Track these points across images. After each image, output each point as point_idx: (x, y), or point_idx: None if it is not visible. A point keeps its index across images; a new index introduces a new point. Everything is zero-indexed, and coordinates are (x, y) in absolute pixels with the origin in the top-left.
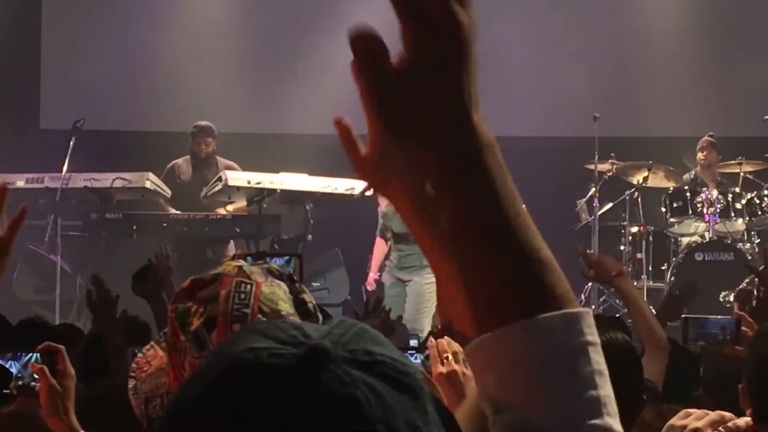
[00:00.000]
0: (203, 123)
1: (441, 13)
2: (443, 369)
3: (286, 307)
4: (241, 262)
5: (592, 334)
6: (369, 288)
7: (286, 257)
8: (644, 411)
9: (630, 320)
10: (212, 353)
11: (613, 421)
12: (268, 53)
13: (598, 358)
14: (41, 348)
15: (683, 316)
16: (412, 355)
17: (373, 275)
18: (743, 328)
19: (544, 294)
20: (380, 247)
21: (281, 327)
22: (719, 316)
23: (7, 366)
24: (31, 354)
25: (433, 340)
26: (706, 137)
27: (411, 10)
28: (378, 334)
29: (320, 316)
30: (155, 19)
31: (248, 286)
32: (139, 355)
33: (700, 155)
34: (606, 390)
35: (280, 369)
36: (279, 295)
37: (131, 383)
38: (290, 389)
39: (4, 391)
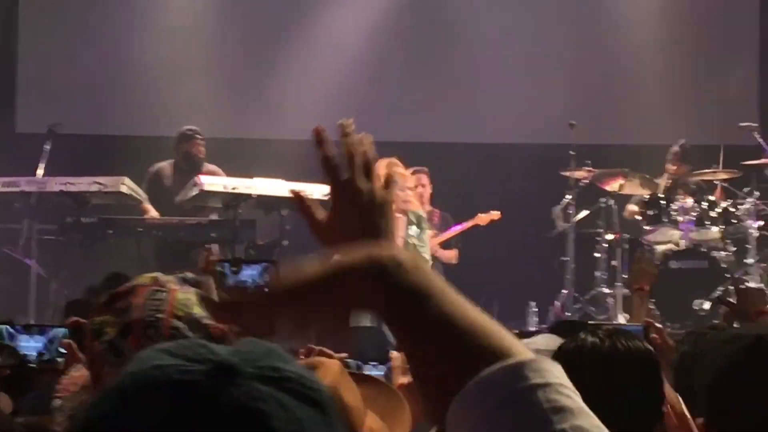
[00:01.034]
0: (194, 126)
1: (349, 184)
2: (405, 380)
3: (199, 311)
4: (157, 274)
5: (542, 377)
6: None
7: (263, 263)
8: None
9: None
10: (121, 374)
11: None
12: (244, 59)
13: (553, 396)
14: (70, 323)
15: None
16: (375, 366)
17: None
18: (652, 335)
19: (486, 355)
20: None
21: (188, 346)
22: (626, 323)
23: (32, 340)
24: (57, 328)
25: (394, 352)
26: (676, 148)
27: (332, 179)
28: (284, 353)
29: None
30: (132, 24)
31: (162, 294)
32: (65, 377)
33: (671, 167)
34: (573, 422)
35: (188, 385)
36: (193, 300)
37: (57, 402)
38: (199, 405)
39: (30, 365)
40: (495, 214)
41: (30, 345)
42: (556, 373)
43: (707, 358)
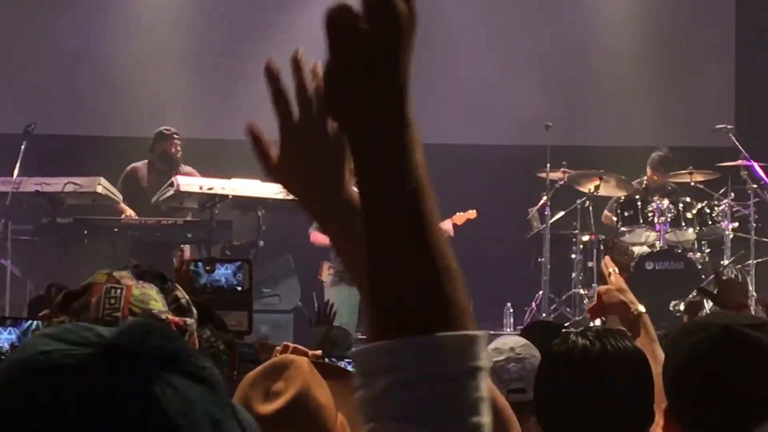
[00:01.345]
0: (171, 127)
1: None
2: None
3: (158, 305)
4: (112, 270)
5: (485, 359)
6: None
7: (237, 263)
8: None
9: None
10: (3, 361)
11: None
12: (221, 58)
13: (482, 385)
14: (42, 316)
15: (563, 330)
16: (350, 362)
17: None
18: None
19: (448, 310)
20: (323, 237)
21: (73, 329)
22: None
23: (5, 332)
24: (31, 321)
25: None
26: (655, 155)
27: (282, 116)
28: (171, 332)
29: (194, 311)
30: (108, 24)
31: (118, 291)
32: None
33: (649, 172)
34: (484, 418)
35: (73, 369)
36: (150, 295)
37: None
38: (85, 389)
39: (3, 357)
40: (471, 214)
41: (3, 337)
42: (485, 353)
43: (673, 344)
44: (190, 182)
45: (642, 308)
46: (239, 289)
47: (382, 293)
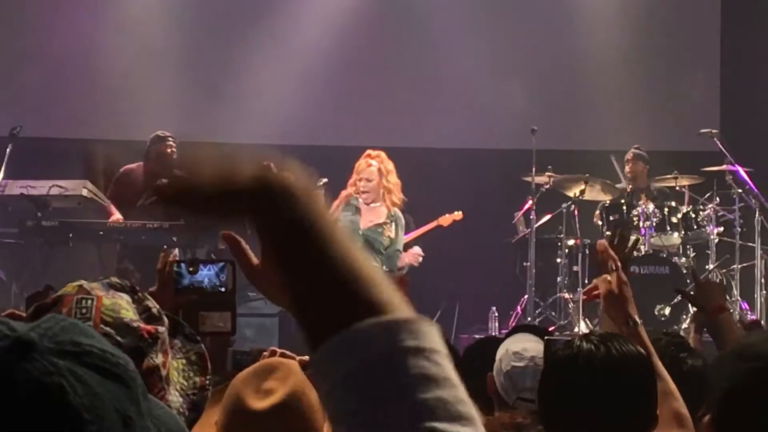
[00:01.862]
0: (166, 131)
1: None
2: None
3: (129, 314)
4: (82, 282)
5: (416, 340)
6: None
7: (220, 264)
8: None
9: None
10: None
11: (447, 425)
12: (212, 62)
13: (422, 363)
14: (6, 315)
15: (546, 338)
16: None
17: None
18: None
19: (363, 305)
20: None
21: None
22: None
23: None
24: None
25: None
26: (632, 150)
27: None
28: (88, 328)
29: (165, 320)
30: (96, 26)
31: (89, 301)
32: None
33: (626, 168)
34: (437, 393)
35: None
36: (121, 304)
37: None
38: None
39: None
40: (457, 215)
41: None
42: (431, 337)
43: (724, 364)
44: None
45: (638, 320)
46: (222, 290)
47: (301, 312)
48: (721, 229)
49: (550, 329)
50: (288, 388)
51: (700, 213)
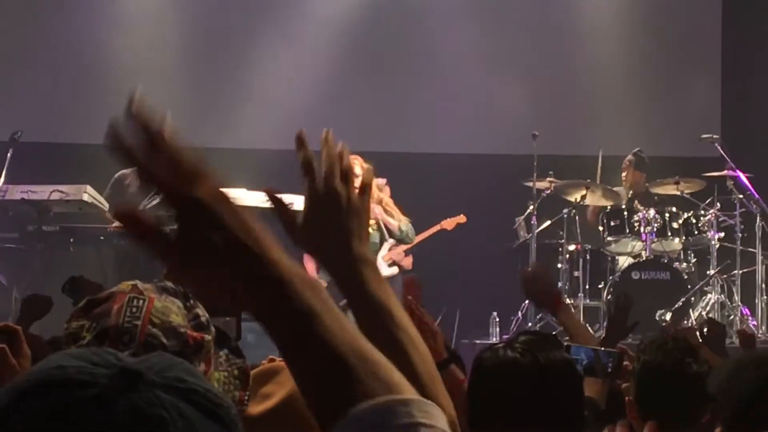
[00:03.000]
0: None
1: (327, 187)
2: None
3: (178, 319)
4: (137, 281)
5: (427, 418)
6: None
7: None
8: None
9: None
10: (27, 371)
11: None
12: (208, 68)
13: None
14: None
15: (565, 343)
16: None
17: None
18: (625, 362)
19: (361, 389)
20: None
21: (97, 352)
22: (602, 348)
23: None
24: None
25: None
26: (630, 156)
27: (310, 182)
28: (193, 367)
29: (213, 329)
30: (95, 32)
31: (141, 301)
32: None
33: (624, 174)
34: None
35: (87, 385)
36: (172, 309)
37: None
38: (94, 405)
39: None
40: (461, 218)
41: None
42: (440, 418)
43: (738, 372)
44: None
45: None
46: None
47: (306, 395)
48: (722, 234)
49: (553, 334)
50: (285, 392)
51: (701, 218)
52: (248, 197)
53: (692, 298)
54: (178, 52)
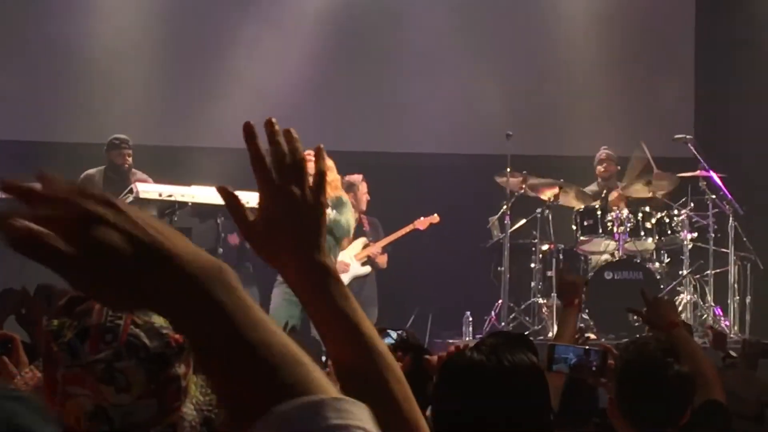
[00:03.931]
0: (123, 135)
1: (280, 188)
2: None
3: (160, 321)
4: None
5: (341, 418)
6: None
7: None
8: None
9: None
10: None
11: None
12: (180, 67)
13: None
14: None
15: (549, 343)
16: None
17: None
18: (609, 360)
19: (286, 387)
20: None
21: None
22: (587, 347)
23: None
24: None
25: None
26: (603, 150)
27: (262, 179)
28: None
29: None
30: (65, 30)
31: None
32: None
33: (600, 168)
34: None
35: None
36: None
37: None
38: None
39: None
40: (434, 218)
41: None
42: (358, 415)
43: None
44: (149, 189)
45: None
46: None
47: (223, 394)
48: (695, 234)
49: (525, 334)
50: None
51: (674, 218)
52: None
53: (644, 311)
54: (152, 55)
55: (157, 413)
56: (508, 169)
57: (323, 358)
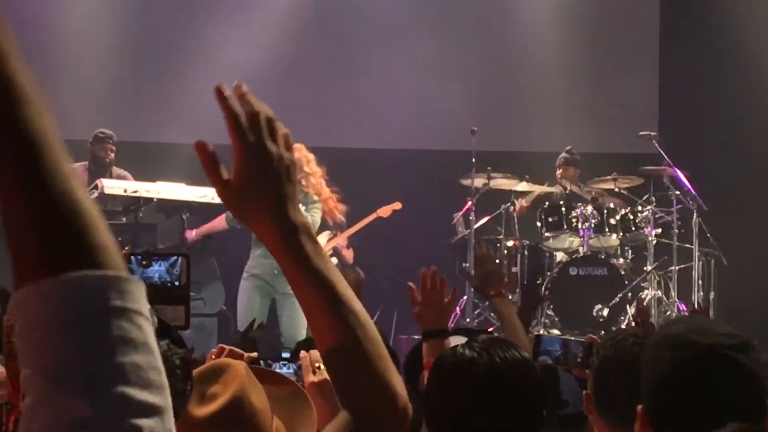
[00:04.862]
0: (108, 131)
1: (256, 146)
2: (315, 378)
3: None
4: None
5: (122, 300)
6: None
7: (173, 258)
8: None
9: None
10: None
11: (138, 391)
12: (151, 62)
13: (126, 325)
14: None
15: (536, 334)
16: (285, 365)
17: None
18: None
19: (82, 251)
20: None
21: None
22: (571, 337)
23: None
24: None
25: (304, 351)
26: (562, 155)
27: (238, 139)
28: None
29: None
30: (41, 22)
31: None
32: None
33: (558, 172)
34: (133, 358)
35: None
36: None
37: None
38: None
39: None
40: (396, 205)
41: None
42: (137, 296)
43: (655, 353)
44: (113, 185)
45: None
46: (176, 283)
47: (12, 243)
48: (659, 230)
49: (489, 330)
50: (231, 393)
51: (639, 215)
52: (186, 192)
53: (629, 294)
54: (124, 49)
55: None
56: (473, 166)
57: (285, 354)
